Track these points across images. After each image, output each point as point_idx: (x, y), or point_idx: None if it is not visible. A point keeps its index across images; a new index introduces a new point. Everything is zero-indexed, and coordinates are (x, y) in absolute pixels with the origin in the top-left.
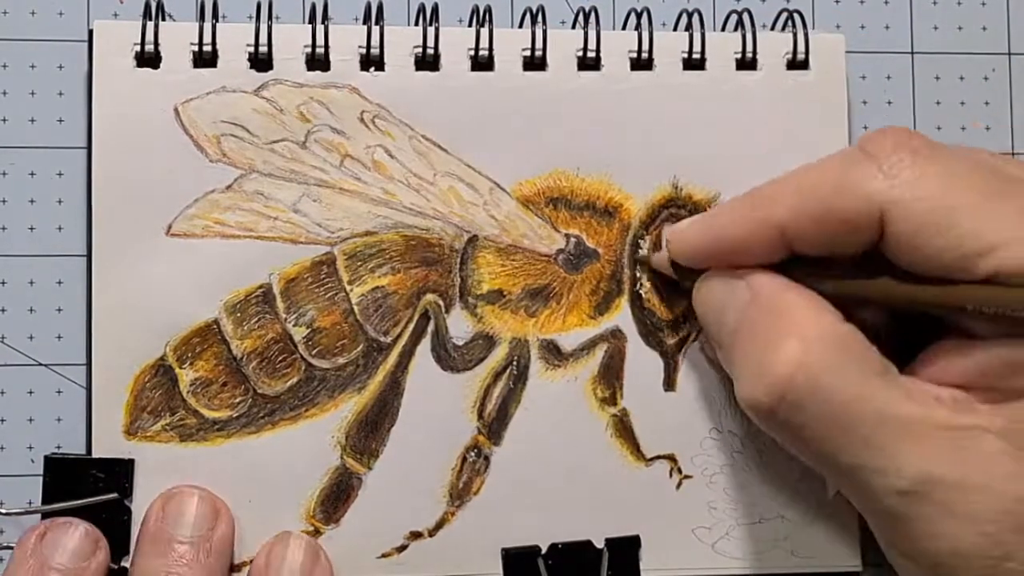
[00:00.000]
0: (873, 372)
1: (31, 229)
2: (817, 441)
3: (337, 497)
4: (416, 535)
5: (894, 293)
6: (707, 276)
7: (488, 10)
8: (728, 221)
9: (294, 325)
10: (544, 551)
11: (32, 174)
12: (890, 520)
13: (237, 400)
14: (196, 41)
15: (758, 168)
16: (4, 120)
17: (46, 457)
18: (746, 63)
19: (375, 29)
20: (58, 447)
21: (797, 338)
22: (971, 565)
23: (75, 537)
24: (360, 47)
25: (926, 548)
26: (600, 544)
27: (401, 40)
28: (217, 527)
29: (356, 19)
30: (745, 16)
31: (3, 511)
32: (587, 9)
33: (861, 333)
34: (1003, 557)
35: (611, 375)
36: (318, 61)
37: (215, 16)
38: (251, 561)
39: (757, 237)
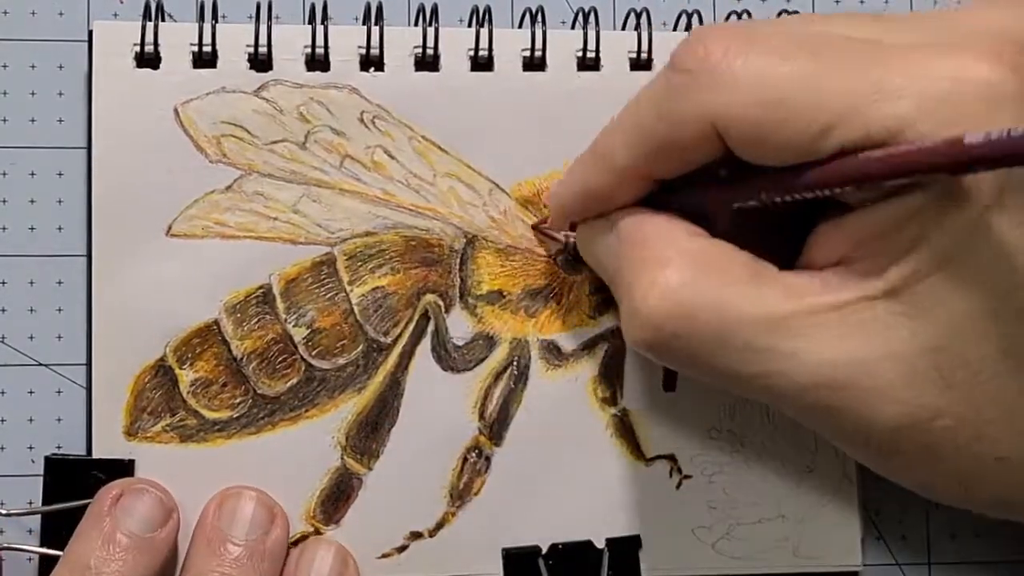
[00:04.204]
0: (741, 279)
1: (31, 229)
2: (712, 362)
3: (337, 497)
4: (416, 535)
5: (748, 192)
6: (581, 227)
7: (488, 10)
8: (582, 176)
9: (294, 325)
10: (544, 551)
11: (32, 174)
12: (813, 416)
13: (237, 401)
14: (196, 41)
15: None
16: (4, 120)
17: (46, 458)
18: None
19: (375, 29)
20: (58, 447)
21: (655, 269)
22: (906, 436)
23: (148, 504)
24: (360, 47)
25: (856, 433)
26: (600, 544)
27: (401, 40)
28: (272, 531)
29: (356, 19)
30: (744, 17)
31: (3, 511)
32: (587, 9)
33: (723, 244)
34: (931, 417)
35: (611, 375)
36: (318, 61)
37: (215, 16)
38: None
39: (614, 183)
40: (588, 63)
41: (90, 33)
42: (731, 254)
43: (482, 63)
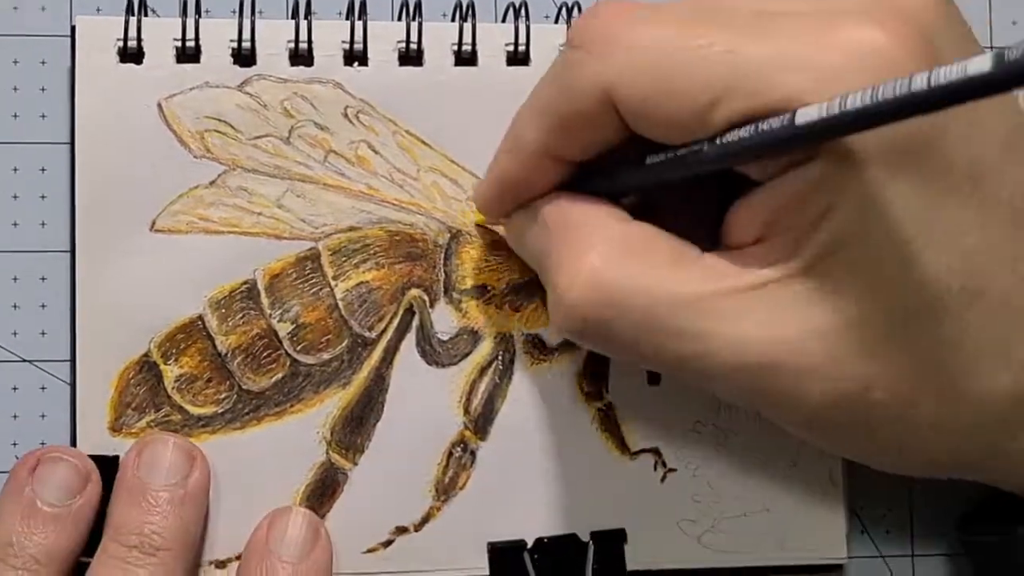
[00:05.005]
0: (665, 262)
1: (14, 225)
2: (639, 347)
3: (323, 492)
4: (402, 530)
5: (654, 172)
6: (509, 219)
7: (471, 5)
8: (499, 163)
9: (279, 321)
10: (530, 545)
11: (15, 169)
12: (745, 397)
13: (222, 396)
14: (179, 36)
15: None
16: None
17: None
18: None
19: (358, 24)
20: (42, 443)
21: (579, 254)
22: (840, 412)
23: (64, 472)
24: (344, 42)
25: (789, 411)
26: (585, 537)
27: (384, 35)
28: (191, 474)
29: (340, 14)
30: None
31: None
32: (570, 4)
33: (645, 226)
34: (863, 390)
35: (596, 369)
36: (301, 56)
37: (198, 11)
38: (237, 557)
39: (528, 169)
40: None
41: (73, 28)
42: (654, 237)
43: (466, 58)
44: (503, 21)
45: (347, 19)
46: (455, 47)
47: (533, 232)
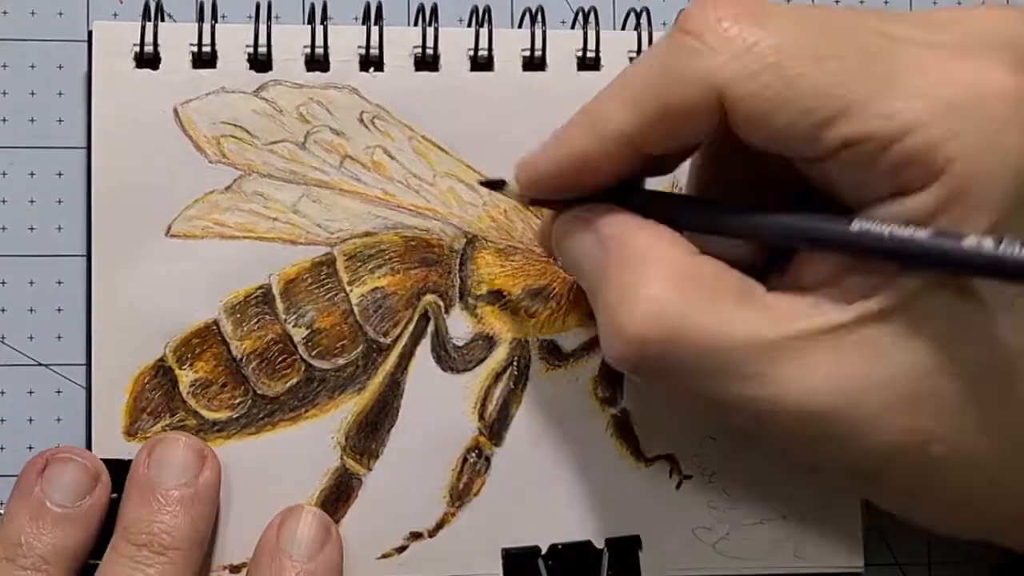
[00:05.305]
0: (731, 300)
1: (31, 229)
2: (697, 385)
3: (337, 498)
4: (416, 535)
5: (734, 224)
6: (560, 220)
7: (488, 10)
8: (570, 140)
9: (294, 326)
10: (544, 551)
11: (32, 174)
12: (802, 444)
13: (237, 401)
14: (195, 42)
15: None
16: (4, 120)
17: None
18: None
19: (375, 29)
20: (58, 447)
21: (642, 285)
22: (898, 462)
23: (73, 473)
24: (360, 47)
25: (845, 461)
26: (600, 544)
27: (401, 40)
28: (202, 473)
29: (356, 19)
30: None
31: (2, 511)
32: (587, 9)
33: (712, 261)
34: (924, 442)
35: (612, 375)
36: (317, 62)
37: (215, 17)
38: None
39: (603, 152)
40: (588, 63)
41: (90, 33)
42: (721, 273)
43: (482, 63)
44: (519, 26)
45: (363, 24)
46: (471, 52)
47: (585, 245)
